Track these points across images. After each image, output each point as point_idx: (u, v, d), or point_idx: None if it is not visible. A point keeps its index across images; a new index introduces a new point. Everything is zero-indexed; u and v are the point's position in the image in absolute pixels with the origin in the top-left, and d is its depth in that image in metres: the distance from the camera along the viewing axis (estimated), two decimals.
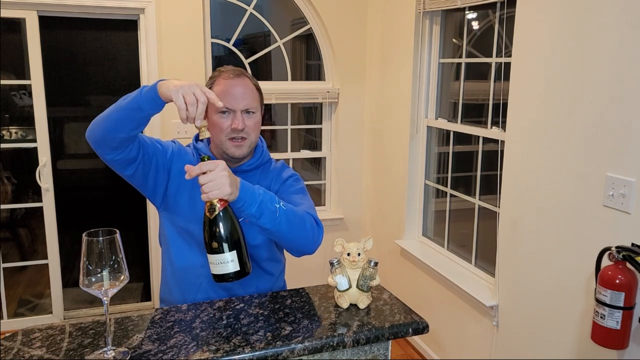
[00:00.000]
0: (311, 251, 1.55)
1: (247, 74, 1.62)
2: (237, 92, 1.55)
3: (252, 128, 1.57)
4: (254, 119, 1.58)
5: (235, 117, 1.54)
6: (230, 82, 1.56)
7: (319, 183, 4.14)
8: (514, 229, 2.43)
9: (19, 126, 3.46)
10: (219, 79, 1.58)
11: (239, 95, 1.54)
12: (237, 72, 1.59)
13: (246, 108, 1.55)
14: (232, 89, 1.55)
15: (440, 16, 3.16)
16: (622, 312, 1.73)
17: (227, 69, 1.60)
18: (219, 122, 1.54)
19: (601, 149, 1.93)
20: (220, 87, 1.56)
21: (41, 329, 1.30)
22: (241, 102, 1.54)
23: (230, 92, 1.54)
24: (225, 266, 1.27)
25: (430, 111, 3.29)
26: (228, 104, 1.53)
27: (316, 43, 3.89)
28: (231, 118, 1.54)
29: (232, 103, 1.54)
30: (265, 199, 1.38)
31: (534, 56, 2.26)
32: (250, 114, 1.56)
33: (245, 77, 1.60)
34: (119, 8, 3.37)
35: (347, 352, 1.31)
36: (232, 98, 1.54)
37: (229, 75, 1.57)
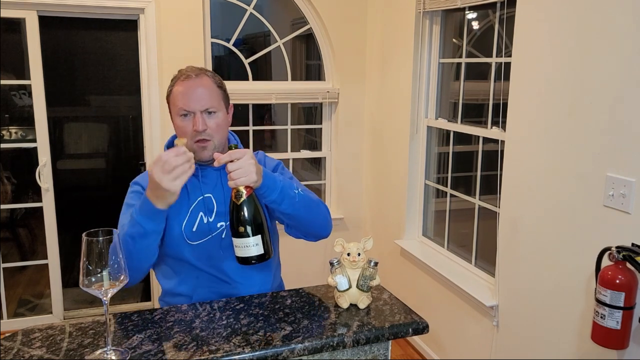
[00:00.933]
0: (327, 234, 1.60)
1: (208, 73, 1.58)
2: (196, 93, 1.51)
3: (215, 129, 1.53)
4: (216, 118, 1.53)
5: (195, 118, 1.50)
6: (188, 82, 1.52)
7: (319, 183, 4.14)
8: (514, 229, 2.43)
9: (19, 126, 3.46)
10: (178, 80, 1.55)
11: (197, 96, 1.51)
12: (196, 72, 1.55)
13: (205, 108, 1.51)
14: (190, 90, 1.51)
15: (440, 16, 3.16)
16: (622, 312, 1.73)
17: (186, 69, 1.57)
18: (182, 126, 1.52)
19: (601, 149, 1.93)
20: (179, 87, 1.53)
21: (41, 329, 1.30)
22: (199, 102, 1.50)
23: (188, 93, 1.51)
24: (249, 249, 1.33)
25: (430, 111, 3.29)
26: (186, 105, 1.50)
27: (316, 43, 3.89)
28: (192, 120, 1.51)
29: (191, 104, 1.50)
30: (285, 186, 1.44)
31: (534, 56, 2.26)
32: (211, 114, 1.53)
33: (205, 75, 1.55)
34: (119, 8, 3.37)
35: (347, 352, 1.31)
36: (190, 99, 1.50)
37: (188, 75, 1.53)
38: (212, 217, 1.58)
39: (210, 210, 1.58)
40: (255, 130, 3.94)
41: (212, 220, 1.58)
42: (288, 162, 4.00)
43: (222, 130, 1.56)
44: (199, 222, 1.58)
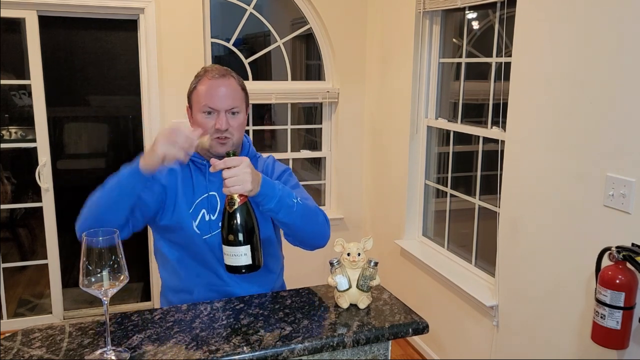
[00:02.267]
0: (323, 244, 1.60)
1: (233, 74, 1.61)
2: (221, 92, 1.54)
3: (236, 128, 1.56)
4: (238, 119, 1.57)
5: (219, 117, 1.54)
6: (214, 82, 1.55)
7: (319, 183, 4.14)
8: (514, 229, 2.43)
9: (18, 126, 3.46)
10: (204, 78, 1.58)
11: (223, 95, 1.54)
12: (222, 72, 1.58)
13: (230, 108, 1.55)
14: (216, 89, 1.54)
15: (440, 16, 3.16)
16: (622, 312, 1.72)
17: (212, 68, 1.60)
18: (204, 123, 1.54)
19: (601, 149, 1.93)
20: (204, 86, 1.56)
21: (41, 329, 1.30)
22: (225, 102, 1.54)
23: (214, 92, 1.54)
24: (239, 259, 1.33)
25: (430, 111, 3.29)
26: (212, 104, 1.53)
27: (316, 43, 3.89)
28: (215, 118, 1.54)
29: (216, 103, 1.53)
30: (284, 195, 1.44)
31: (534, 56, 2.26)
32: (234, 115, 1.56)
33: (231, 77, 1.59)
34: (119, 8, 3.37)
35: (347, 352, 1.31)
36: (216, 98, 1.54)
37: (214, 75, 1.57)
38: (215, 215, 1.59)
39: (213, 209, 1.60)
40: (255, 130, 3.94)
41: (214, 219, 1.59)
42: (288, 162, 4.00)
43: (242, 129, 1.61)
44: (201, 218, 1.59)
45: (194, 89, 1.58)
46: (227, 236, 1.33)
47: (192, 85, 1.60)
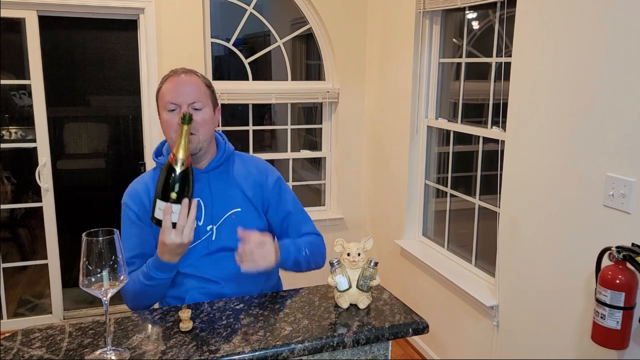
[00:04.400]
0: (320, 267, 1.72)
1: (197, 73, 1.63)
2: (184, 88, 1.55)
3: (200, 123, 1.55)
4: (202, 114, 1.56)
5: (181, 111, 1.53)
6: (176, 78, 1.57)
7: (319, 183, 4.14)
8: (514, 229, 2.43)
9: (18, 126, 3.46)
10: (169, 77, 1.59)
11: (184, 91, 1.54)
12: (185, 70, 1.60)
13: (192, 102, 1.54)
14: (178, 86, 1.55)
15: (440, 16, 3.16)
16: (622, 312, 1.72)
17: (177, 69, 1.62)
18: (168, 119, 1.54)
19: (601, 149, 1.93)
20: (168, 84, 1.57)
21: (41, 329, 1.30)
22: (187, 96, 1.54)
23: (176, 88, 1.55)
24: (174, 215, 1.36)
25: (430, 111, 3.29)
26: (174, 99, 1.53)
27: (316, 43, 3.89)
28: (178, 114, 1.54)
29: (178, 98, 1.53)
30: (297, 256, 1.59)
31: (534, 56, 2.26)
32: (197, 110, 1.55)
33: (193, 74, 1.60)
34: (119, 8, 3.37)
35: (347, 352, 1.31)
36: (178, 94, 1.54)
37: (177, 73, 1.58)
38: (201, 221, 1.59)
39: (199, 215, 1.59)
40: (255, 130, 3.94)
41: (201, 224, 1.59)
42: (288, 162, 4.00)
43: (208, 126, 1.58)
44: None
45: (159, 89, 1.59)
46: (169, 193, 1.35)
47: (158, 87, 1.61)
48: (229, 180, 1.65)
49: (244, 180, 1.66)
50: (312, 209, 4.08)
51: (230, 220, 1.61)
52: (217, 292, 1.58)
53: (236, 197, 1.64)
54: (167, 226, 1.35)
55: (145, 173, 1.69)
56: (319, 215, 3.99)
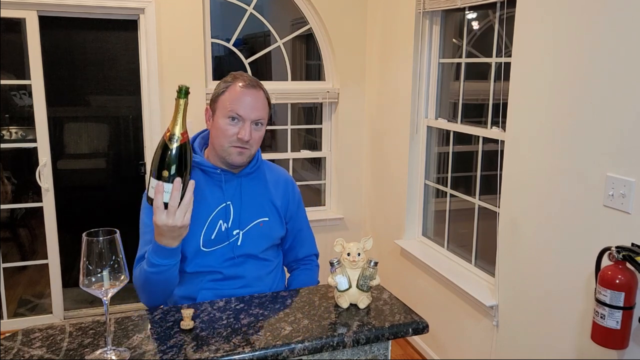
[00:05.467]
0: None
1: (262, 86, 1.61)
2: (251, 102, 1.54)
3: (256, 140, 1.57)
4: (260, 132, 1.58)
5: (244, 126, 1.53)
6: (246, 90, 1.55)
7: (319, 183, 4.14)
8: (514, 229, 2.43)
9: (19, 126, 3.46)
10: (234, 85, 1.56)
11: (251, 105, 1.53)
12: (253, 82, 1.58)
13: (257, 119, 1.55)
14: (245, 97, 1.54)
15: (440, 16, 3.16)
16: (622, 312, 1.73)
17: (243, 76, 1.59)
18: (226, 128, 1.53)
19: (601, 149, 1.93)
20: (234, 93, 1.54)
21: (41, 329, 1.30)
22: (253, 112, 1.54)
23: (243, 100, 1.53)
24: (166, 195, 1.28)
25: (430, 111, 3.29)
26: (240, 111, 1.52)
27: (316, 43, 3.89)
28: (239, 127, 1.53)
29: (244, 112, 1.53)
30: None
31: (534, 56, 2.26)
32: (258, 126, 1.56)
33: (261, 89, 1.59)
34: (119, 8, 3.37)
35: (347, 352, 1.31)
36: (244, 106, 1.53)
37: (245, 84, 1.56)
38: (229, 224, 1.60)
39: (227, 218, 1.60)
40: None
41: (229, 227, 1.60)
42: (288, 162, 4.00)
43: (260, 141, 1.62)
44: (218, 229, 1.59)
45: (222, 93, 1.56)
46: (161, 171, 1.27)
47: (219, 89, 1.58)
48: (261, 188, 1.67)
49: (274, 189, 1.69)
50: (312, 209, 4.09)
51: (258, 228, 1.63)
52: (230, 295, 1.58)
53: (265, 206, 1.66)
54: (157, 206, 1.28)
55: None
56: (319, 215, 3.99)
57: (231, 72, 1.63)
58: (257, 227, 1.62)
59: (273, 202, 1.67)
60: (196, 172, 1.61)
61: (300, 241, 1.80)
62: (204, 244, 1.58)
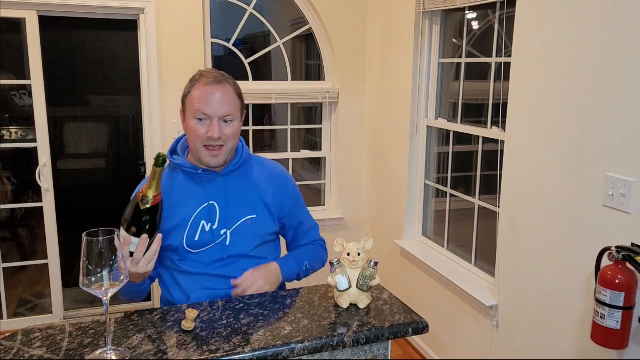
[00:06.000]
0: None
1: (230, 80, 1.57)
2: (216, 99, 1.50)
3: (230, 136, 1.53)
4: (232, 127, 1.53)
5: (212, 124, 1.50)
6: (209, 87, 1.51)
7: (319, 183, 4.14)
8: (514, 229, 2.43)
9: (19, 126, 3.46)
10: (199, 83, 1.53)
11: (217, 102, 1.50)
12: (218, 78, 1.53)
13: (224, 115, 1.51)
14: (211, 95, 1.50)
15: (440, 16, 3.16)
16: (622, 312, 1.73)
17: (208, 73, 1.55)
18: (196, 129, 1.51)
19: (601, 149, 1.93)
20: (199, 91, 1.51)
21: (41, 329, 1.30)
22: (220, 109, 1.50)
23: (209, 98, 1.50)
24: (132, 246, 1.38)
25: (430, 111, 3.29)
26: (206, 110, 1.49)
27: (316, 43, 3.89)
28: (208, 125, 1.50)
29: (210, 110, 1.49)
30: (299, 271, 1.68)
31: (534, 56, 2.26)
32: (228, 123, 1.52)
33: (227, 83, 1.54)
34: (119, 8, 3.37)
35: (347, 352, 1.31)
36: (210, 105, 1.49)
37: (209, 80, 1.52)
38: (215, 224, 1.57)
39: (213, 218, 1.58)
40: (255, 130, 3.94)
41: (215, 228, 1.57)
42: (288, 162, 4.00)
43: (236, 137, 1.57)
44: (201, 230, 1.57)
45: (188, 93, 1.54)
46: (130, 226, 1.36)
47: (186, 89, 1.56)
48: (247, 185, 1.63)
49: (264, 185, 1.64)
50: (312, 209, 4.08)
51: (246, 227, 1.59)
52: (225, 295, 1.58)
53: (253, 203, 1.62)
54: (125, 255, 1.33)
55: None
56: (319, 215, 3.99)
57: (199, 70, 1.60)
58: (245, 225, 1.59)
59: (262, 199, 1.63)
60: (178, 174, 1.61)
61: (303, 233, 1.79)
62: (189, 245, 1.57)
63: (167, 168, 1.64)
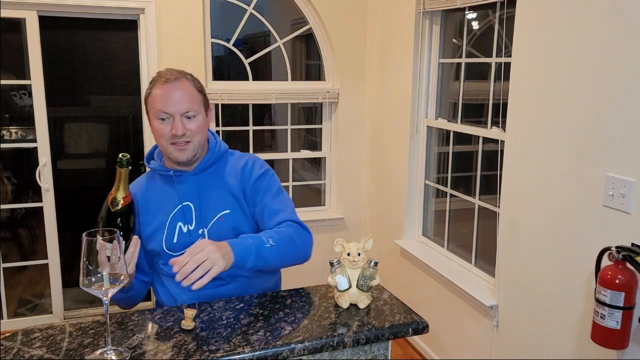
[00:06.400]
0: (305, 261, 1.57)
1: (188, 76, 1.57)
2: (175, 96, 1.50)
3: (195, 131, 1.53)
4: (196, 122, 1.53)
5: (175, 122, 1.50)
6: (168, 86, 1.51)
7: (319, 183, 4.14)
8: (514, 229, 2.43)
9: (19, 126, 3.46)
10: (157, 82, 1.54)
11: (177, 100, 1.50)
12: (176, 75, 1.54)
13: (184, 112, 1.51)
14: (169, 94, 1.51)
15: (440, 16, 3.16)
16: (622, 312, 1.73)
17: (166, 72, 1.55)
18: (159, 129, 1.52)
19: (601, 149, 1.93)
20: (158, 90, 1.52)
21: (41, 329, 1.30)
22: (179, 106, 1.50)
23: (167, 96, 1.50)
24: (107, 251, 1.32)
25: (430, 111, 3.29)
26: (166, 109, 1.50)
27: (316, 43, 3.89)
28: (170, 123, 1.51)
29: (170, 108, 1.50)
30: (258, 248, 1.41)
31: (534, 56, 2.26)
32: (191, 118, 1.53)
33: (185, 79, 1.55)
34: (119, 8, 3.37)
35: (347, 352, 1.31)
36: (169, 103, 1.50)
37: (167, 78, 1.52)
38: (193, 225, 1.57)
39: (189, 219, 1.58)
40: (255, 130, 3.94)
41: (192, 229, 1.57)
42: (288, 162, 4.00)
43: (202, 131, 1.57)
44: (179, 232, 1.57)
45: (149, 94, 1.55)
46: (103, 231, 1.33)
47: (147, 91, 1.57)
48: (218, 182, 1.61)
49: (233, 180, 1.62)
50: (312, 209, 4.09)
51: (220, 224, 1.58)
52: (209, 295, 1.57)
53: (225, 199, 1.60)
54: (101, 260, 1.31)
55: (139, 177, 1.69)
56: (319, 215, 3.99)
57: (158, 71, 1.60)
58: (219, 222, 1.58)
59: (231, 192, 1.60)
60: (156, 178, 1.63)
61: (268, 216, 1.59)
62: (168, 248, 1.57)
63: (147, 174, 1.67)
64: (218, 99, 3.63)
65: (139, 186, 1.65)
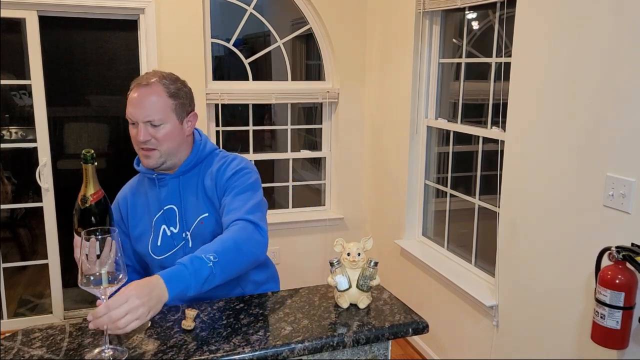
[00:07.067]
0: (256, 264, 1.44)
1: (164, 81, 1.52)
2: (141, 103, 1.48)
3: (160, 140, 1.49)
4: (164, 130, 1.49)
5: (139, 128, 1.48)
6: (138, 91, 1.49)
7: (319, 183, 4.14)
8: (514, 229, 2.43)
9: (19, 126, 3.46)
10: (134, 85, 1.52)
11: (142, 107, 1.47)
12: (152, 78, 1.51)
13: (147, 120, 1.47)
14: (137, 99, 1.48)
15: (440, 16, 3.16)
16: (622, 312, 1.73)
17: (144, 76, 1.53)
18: (131, 132, 1.52)
19: (601, 149, 1.93)
20: (132, 94, 1.51)
21: (41, 329, 1.30)
22: (142, 113, 1.47)
23: (135, 102, 1.48)
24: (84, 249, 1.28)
25: (430, 111, 3.29)
26: (132, 115, 1.49)
27: (316, 43, 3.89)
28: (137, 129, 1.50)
29: (135, 114, 1.48)
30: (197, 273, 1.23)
31: (534, 56, 2.26)
32: (159, 126, 1.49)
33: (159, 84, 1.50)
34: (119, 8, 3.37)
35: (347, 352, 1.31)
36: (136, 109, 1.48)
37: (139, 83, 1.50)
38: (177, 228, 1.57)
39: (173, 222, 1.57)
40: (255, 130, 3.94)
41: (176, 232, 1.57)
42: (288, 162, 4.00)
43: (170, 140, 1.51)
44: (162, 235, 1.57)
45: (128, 96, 1.54)
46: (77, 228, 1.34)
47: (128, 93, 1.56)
48: (198, 184, 1.59)
49: (209, 182, 1.58)
50: (312, 209, 4.09)
51: (200, 227, 1.56)
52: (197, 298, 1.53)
53: (202, 201, 1.57)
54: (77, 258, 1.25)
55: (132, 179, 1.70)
56: (319, 215, 3.99)
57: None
58: (200, 225, 1.56)
59: (207, 195, 1.56)
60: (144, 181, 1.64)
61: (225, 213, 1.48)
62: (153, 251, 1.58)
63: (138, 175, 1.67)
64: (218, 99, 3.63)
65: (130, 187, 1.67)
